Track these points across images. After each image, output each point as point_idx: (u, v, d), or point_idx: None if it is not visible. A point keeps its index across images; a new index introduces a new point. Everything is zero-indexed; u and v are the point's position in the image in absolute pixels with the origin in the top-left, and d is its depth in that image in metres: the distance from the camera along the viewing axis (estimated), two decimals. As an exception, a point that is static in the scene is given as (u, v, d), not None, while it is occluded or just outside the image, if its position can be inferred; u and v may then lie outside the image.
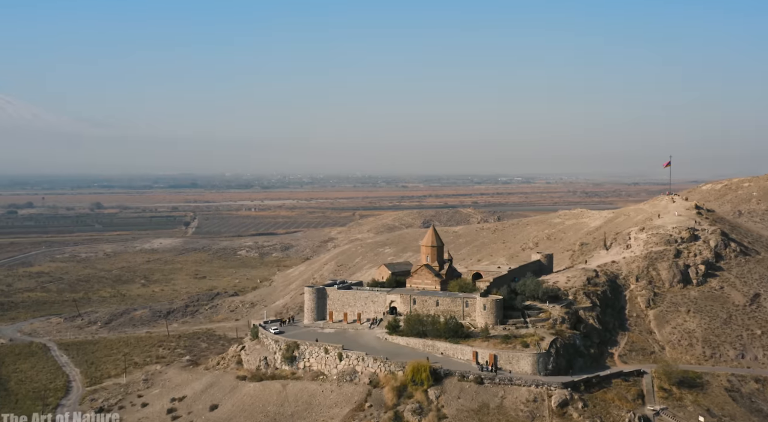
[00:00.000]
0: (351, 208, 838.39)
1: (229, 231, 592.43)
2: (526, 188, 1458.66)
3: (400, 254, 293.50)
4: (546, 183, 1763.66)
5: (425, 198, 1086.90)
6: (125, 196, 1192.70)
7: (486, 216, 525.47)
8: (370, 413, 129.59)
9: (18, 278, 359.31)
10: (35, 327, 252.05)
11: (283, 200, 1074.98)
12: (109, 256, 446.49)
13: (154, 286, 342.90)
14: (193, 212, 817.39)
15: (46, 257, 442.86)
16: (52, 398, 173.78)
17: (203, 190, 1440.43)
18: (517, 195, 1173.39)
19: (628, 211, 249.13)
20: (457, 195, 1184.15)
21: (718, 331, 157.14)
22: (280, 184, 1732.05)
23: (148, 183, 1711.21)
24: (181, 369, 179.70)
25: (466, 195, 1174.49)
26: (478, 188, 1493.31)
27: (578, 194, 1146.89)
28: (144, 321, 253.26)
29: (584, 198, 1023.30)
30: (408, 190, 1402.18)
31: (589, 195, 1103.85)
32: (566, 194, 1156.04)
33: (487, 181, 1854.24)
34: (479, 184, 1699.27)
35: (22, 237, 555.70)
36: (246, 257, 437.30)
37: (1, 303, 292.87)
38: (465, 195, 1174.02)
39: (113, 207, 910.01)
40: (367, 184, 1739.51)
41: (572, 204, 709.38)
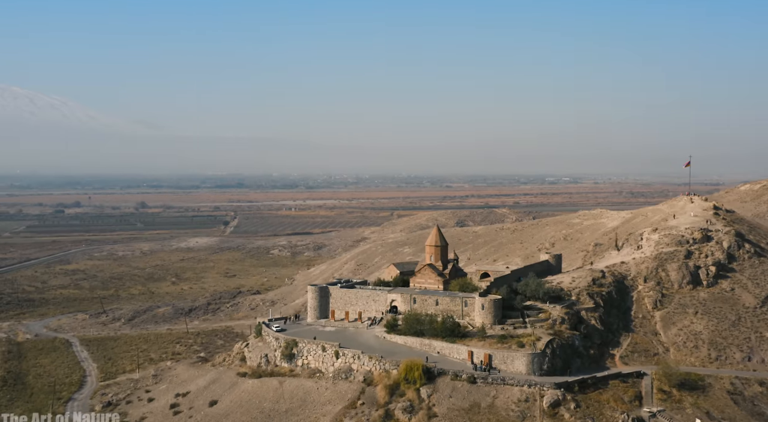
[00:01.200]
0: (390, 208, 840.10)
1: (266, 231, 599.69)
2: (572, 188, 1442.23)
3: (419, 254, 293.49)
4: (594, 183, 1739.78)
5: (467, 198, 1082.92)
6: (171, 196, 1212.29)
7: (521, 217, 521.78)
8: (361, 410, 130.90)
9: (54, 275, 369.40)
10: (62, 323, 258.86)
11: (325, 200, 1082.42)
12: (145, 254, 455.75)
13: (183, 284, 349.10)
14: (234, 211, 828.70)
15: (84, 255, 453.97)
16: (66, 392, 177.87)
17: (248, 190, 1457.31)
18: (561, 195, 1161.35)
19: (646, 211, 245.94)
20: (501, 195, 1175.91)
21: (725, 333, 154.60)
22: (324, 184, 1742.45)
23: (196, 183, 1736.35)
24: (190, 365, 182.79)
25: (509, 195, 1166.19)
26: (522, 188, 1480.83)
27: (624, 194, 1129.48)
28: (166, 319, 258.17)
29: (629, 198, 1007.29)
30: (451, 190, 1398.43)
31: (635, 195, 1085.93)
32: (611, 194, 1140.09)
33: (533, 181, 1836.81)
34: (525, 184, 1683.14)
35: (64, 236, 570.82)
36: (278, 256, 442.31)
37: (32, 300, 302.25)
38: (508, 195, 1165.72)
39: (157, 206, 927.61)
40: (411, 185, 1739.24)
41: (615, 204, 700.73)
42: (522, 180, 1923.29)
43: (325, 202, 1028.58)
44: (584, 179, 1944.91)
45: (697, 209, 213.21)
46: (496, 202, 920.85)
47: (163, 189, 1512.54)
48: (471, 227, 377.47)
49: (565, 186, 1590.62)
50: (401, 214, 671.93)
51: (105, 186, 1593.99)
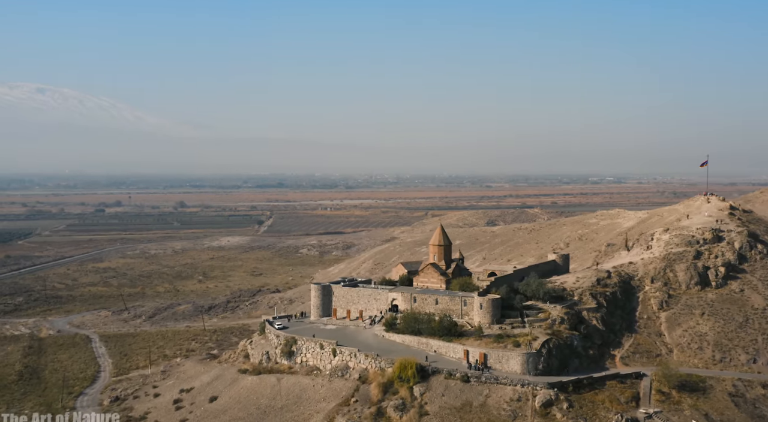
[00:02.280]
0: (425, 208, 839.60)
1: (298, 230, 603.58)
2: (614, 188, 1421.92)
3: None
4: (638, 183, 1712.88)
5: (504, 198, 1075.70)
6: (211, 196, 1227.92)
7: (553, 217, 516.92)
8: (354, 408, 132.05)
9: (85, 273, 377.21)
10: (85, 319, 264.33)
11: (363, 200, 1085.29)
12: (177, 253, 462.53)
13: (209, 282, 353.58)
14: (270, 211, 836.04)
15: (117, 253, 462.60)
16: (78, 386, 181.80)
17: (287, 190, 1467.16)
18: (602, 195, 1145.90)
19: (662, 211, 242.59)
20: (540, 195, 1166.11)
21: (731, 335, 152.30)
22: (364, 184, 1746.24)
23: (238, 183, 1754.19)
24: (198, 362, 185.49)
25: (548, 195, 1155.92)
26: (564, 188, 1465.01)
27: (666, 195, 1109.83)
28: (186, 316, 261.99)
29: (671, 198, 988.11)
30: (490, 190, 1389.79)
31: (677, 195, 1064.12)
32: (653, 195, 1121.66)
33: (576, 181, 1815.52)
34: (567, 184, 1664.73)
35: (101, 235, 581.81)
36: (306, 255, 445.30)
37: (60, 297, 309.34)
38: (547, 195, 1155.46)
39: (196, 205, 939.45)
40: (451, 185, 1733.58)
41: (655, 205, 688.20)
42: (564, 180, 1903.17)
43: (362, 201, 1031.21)
44: (629, 179, 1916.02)
45: (712, 209, 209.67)
46: (533, 202, 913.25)
47: (205, 188, 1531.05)
48: (489, 227, 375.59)
49: (608, 186, 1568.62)
50: (435, 214, 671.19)
51: (149, 186, 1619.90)
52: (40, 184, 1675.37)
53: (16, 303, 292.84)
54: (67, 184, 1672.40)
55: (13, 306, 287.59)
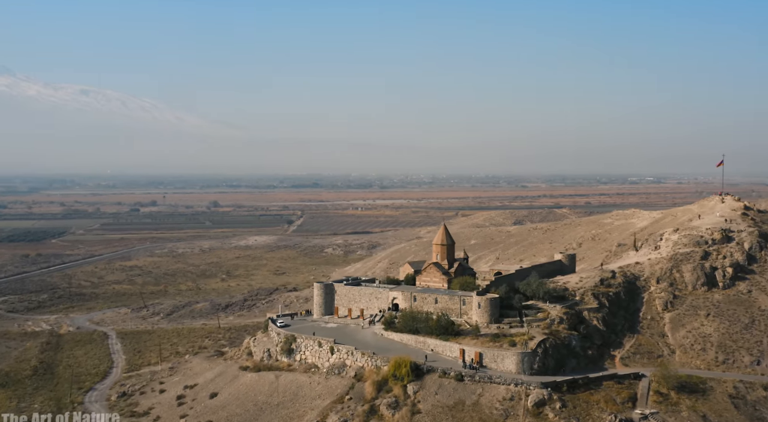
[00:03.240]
0: (456, 208, 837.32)
1: (326, 230, 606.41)
2: (652, 188, 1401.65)
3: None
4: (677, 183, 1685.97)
5: (538, 198, 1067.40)
6: (246, 195, 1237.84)
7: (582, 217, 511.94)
8: (348, 405, 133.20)
9: (112, 271, 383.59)
10: (105, 316, 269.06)
11: (394, 200, 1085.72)
12: (204, 252, 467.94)
13: (232, 281, 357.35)
14: (301, 211, 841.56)
15: (146, 252, 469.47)
16: (89, 382, 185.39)
17: (321, 190, 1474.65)
18: (639, 195, 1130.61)
19: (676, 211, 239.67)
20: (575, 195, 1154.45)
21: (736, 336, 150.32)
22: (399, 184, 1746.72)
23: (274, 183, 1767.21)
24: (205, 359, 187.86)
25: (583, 195, 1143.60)
26: (600, 188, 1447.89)
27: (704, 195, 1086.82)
28: (203, 314, 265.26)
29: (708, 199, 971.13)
30: (525, 190, 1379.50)
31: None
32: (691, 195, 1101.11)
33: (615, 181, 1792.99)
34: (604, 184, 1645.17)
35: (133, 234, 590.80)
36: (331, 255, 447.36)
37: (83, 294, 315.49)
38: (582, 195, 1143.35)
39: (229, 205, 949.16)
40: (486, 185, 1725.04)
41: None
42: (603, 180, 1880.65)
43: (394, 201, 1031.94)
44: (669, 179, 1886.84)
45: (725, 209, 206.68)
46: (567, 202, 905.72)
47: (240, 188, 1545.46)
48: (505, 227, 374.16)
49: (646, 186, 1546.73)
50: (465, 214, 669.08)
51: (186, 185, 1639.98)
52: (81, 183, 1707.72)
53: (40, 300, 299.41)
54: (106, 183, 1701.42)
55: (36, 303, 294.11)
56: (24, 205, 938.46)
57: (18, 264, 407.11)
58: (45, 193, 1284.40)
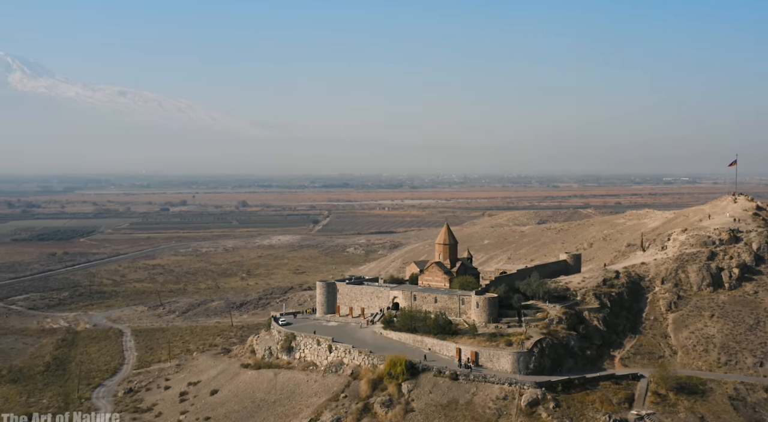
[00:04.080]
0: (483, 207, 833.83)
1: (351, 230, 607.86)
2: (686, 189, 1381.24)
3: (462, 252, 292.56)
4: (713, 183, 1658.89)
5: (568, 198, 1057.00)
6: (275, 195, 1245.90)
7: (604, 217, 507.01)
8: (342, 403, 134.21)
9: (134, 269, 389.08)
10: (122, 314, 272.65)
11: (423, 199, 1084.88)
12: (227, 251, 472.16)
13: (251, 280, 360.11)
14: (328, 210, 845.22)
15: (170, 251, 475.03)
16: (98, 378, 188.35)
17: (351, 190, 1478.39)
18: (671, 195, 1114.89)
19: (688, 211, 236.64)
20: (607, 195, 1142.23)
21: (739, 338, 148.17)
22: (430, 184, 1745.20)
23: (305, 183, 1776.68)
24: (211, 356, 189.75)
25: (614, 195, 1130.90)
26: (633, 188, 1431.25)
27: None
28: (217, 312, 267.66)
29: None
30: (556, 190, 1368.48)
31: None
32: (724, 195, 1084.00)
33: (649, 181, 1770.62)
34: (638, 184, 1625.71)
35: (160, 233, 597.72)
36: (352, 254, 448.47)
37: (104, 292, 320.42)
38: (614, 195, 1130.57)
39: (257, 205, 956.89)
40: (518, 184, 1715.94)
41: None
42: (637, 180, 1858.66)
43: (422, 201, 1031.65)
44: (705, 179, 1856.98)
45: (737, 209, 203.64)
46: (598, 202, 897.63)
47: (271, 188, 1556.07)
48: (519, 227, 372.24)
49: (680, 186, 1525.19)
50: (491, 214, 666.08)
51: (218, 185, 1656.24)
52: (116, 183, 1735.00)
53: (60, 298, 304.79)
54: (141, 183, 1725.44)
55: (57, 301, 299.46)
56: (57, 204, 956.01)
57: (44, 262, 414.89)
58: (79, 193, 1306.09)
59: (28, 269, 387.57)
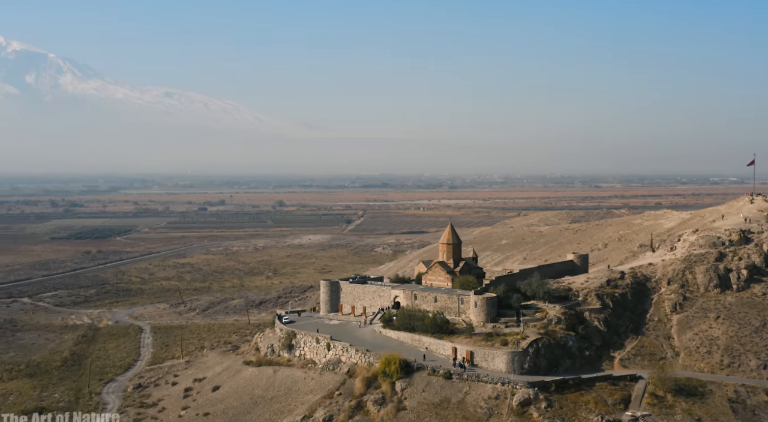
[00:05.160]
0: (519, 208, 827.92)
1: (382, 229, 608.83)
2: (732, 189, 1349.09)
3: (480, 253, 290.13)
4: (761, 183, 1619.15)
5: (608, 199, 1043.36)
6: (313, 195, 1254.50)
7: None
8: (336, 401, 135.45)
9: (164, 268, 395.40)
10: (145, 311, 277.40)
11: (460, 200, 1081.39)
12: (258, 250, 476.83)
13: (276, 279, 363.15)
14: (363, 210, 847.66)
15: (201, 250, 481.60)
16: (111, 373, 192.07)
17: (389, 190, 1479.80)
18: (715, 196, 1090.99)
19: (704, 212, 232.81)
20: (648, 196, 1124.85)
21: (744, 340, 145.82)
22: (470, 184, 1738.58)
23: (346, 182, 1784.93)
24: (219, 353, 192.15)
25: (657, 196, 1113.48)
26: (678, 189, 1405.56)
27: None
28: (237, 310, 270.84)
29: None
30: (597, 191, 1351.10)
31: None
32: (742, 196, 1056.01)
33: (695, 181, 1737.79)
34: (683, 185, 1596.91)
35: (195, 232, 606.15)
36: (380, 254, 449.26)
37: (130, 290, 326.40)
38: (656, 196, 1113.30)
39: (294, 205, 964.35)
40: (560, 184, 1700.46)
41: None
42: (683, 180, 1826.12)
43: (459, 201, 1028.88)
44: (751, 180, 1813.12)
45: (752, 210, 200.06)
46: (638, 202, 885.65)
47: (311, 188, 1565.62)
48: (537, 227, 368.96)
49: (726, 187, 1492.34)
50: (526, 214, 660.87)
51: (260, 185, 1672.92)
52: (161, 183, 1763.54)
53: (87, 295, 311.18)
54: (184, 183, 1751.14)
55: (84, 298, 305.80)
56: (100, 203, 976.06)
57: (78, 260, 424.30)
58: (123, 193, 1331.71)
59: (61, 267, 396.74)
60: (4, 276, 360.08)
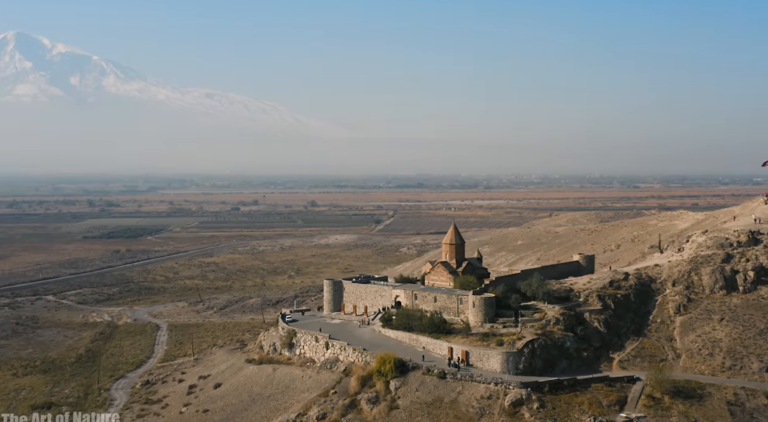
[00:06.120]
0: (552, 208, 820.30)
1: (410, 230, 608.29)
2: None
3: (495, 254, 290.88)
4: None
5: (644, 199, 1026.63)
6: (347, 195, 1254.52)
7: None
8: (331, 399, 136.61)
9: (189, 267, 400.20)
10: (164, 310, 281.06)
11: (493, 200, 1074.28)
12: (284, 250, 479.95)
13: (298, 278, 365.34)
14: (393, 210, 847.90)
15: (228, 249, 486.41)
16: (123, 370, 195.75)
17: (424, 190, 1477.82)
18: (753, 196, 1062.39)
19: (718, 213, 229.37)
20: (686, 196, 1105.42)
21: (748, 342, 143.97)
22: (506, 185, 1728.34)
23: (381, 183, 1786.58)
24: (227, 351, 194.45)
25: (695, 196, 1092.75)
26: (719, 189, 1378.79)
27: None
28: (253, 309, 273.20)
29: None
30: (635, 191, 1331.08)
31: None
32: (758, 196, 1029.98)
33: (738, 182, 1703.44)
34: (725, 185, 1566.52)
35: (224, 231, 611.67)
36: (404, 254, 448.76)
37: (152, 288, 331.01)
38: (694, 196, 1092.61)
39: (325, 205, 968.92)
40: (597, 185, 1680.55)
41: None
42: (725, 180, 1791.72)
43: (492, 201, 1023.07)
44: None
45: (766, 211, 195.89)
46: (675, 203, 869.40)
47: (346, 188, 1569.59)
48: (554, 228, 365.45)
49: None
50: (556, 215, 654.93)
51: (296, 185, 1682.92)
52: (199, 183, 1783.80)
53: (110, 293, 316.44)
54: (222, 183, 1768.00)
55: (106, 296, 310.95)
56: (136, 203, 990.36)
57: (106, 259, 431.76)
58: (161, 193, 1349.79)
59: (89, 265, 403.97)
60: (33, 274, 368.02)
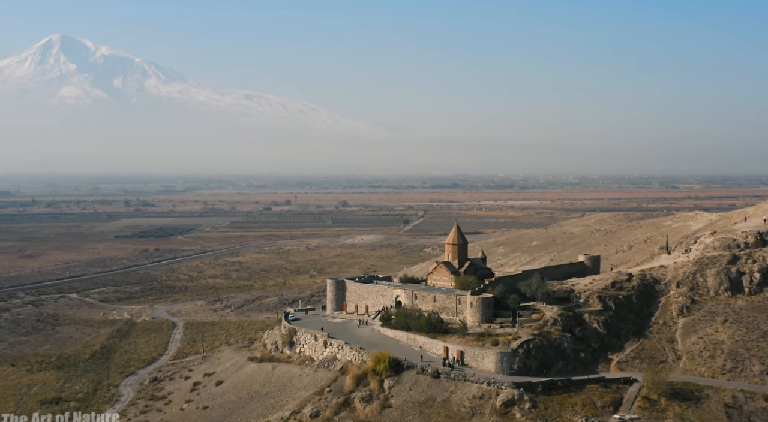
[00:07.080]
0: (585, 209, 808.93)
1: (438, 230, 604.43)
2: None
3: (509, 254, 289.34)
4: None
5: (681, 200, 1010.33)
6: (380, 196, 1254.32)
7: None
8: (326, 397, 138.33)
9: (213, 266, 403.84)
10: (183, 308, 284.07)
11: (528, 200, 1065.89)
12: (309, 249, 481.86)
13: (320, 277, 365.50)
14: (424, 211, 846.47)
15: (254, 249, 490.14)
16: (134, 367, 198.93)
17: (459, 190, 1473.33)
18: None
19: (732, 214, 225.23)
20: (724, 197, 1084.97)
21: (750, 344, 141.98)
22: (543, 185, 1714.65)
23: (416, 183, 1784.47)
24: (234, 349, 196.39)
25: (733, 197, 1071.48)
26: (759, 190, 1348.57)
27: None
28: (269, 308, 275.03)
29: None
30: (672, 192, 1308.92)
31: None
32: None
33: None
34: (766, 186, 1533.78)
35: (254, 231, 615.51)
36: (428, 254, 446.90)
37: (174, 287, 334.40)
38: (732, 197, 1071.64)
39: (357, 205, 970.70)
40: (636, 185, 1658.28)
41: None
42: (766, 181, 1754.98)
43: (525, 202, 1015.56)
44: None
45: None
46: (711, 204, 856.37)
47: (381, 189, 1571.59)
48: (569, 228, 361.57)
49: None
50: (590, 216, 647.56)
51: (331, 185, 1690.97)
52: (235, 184, 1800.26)
53: (132, 292, 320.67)
54: (258, 183, 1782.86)
55: (128, 294, 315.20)
56: (171, 203, 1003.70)
57: (134, 258, 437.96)
58: (196, 192, 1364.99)
59: (116, 264, 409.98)
60: (60, 272, 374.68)
